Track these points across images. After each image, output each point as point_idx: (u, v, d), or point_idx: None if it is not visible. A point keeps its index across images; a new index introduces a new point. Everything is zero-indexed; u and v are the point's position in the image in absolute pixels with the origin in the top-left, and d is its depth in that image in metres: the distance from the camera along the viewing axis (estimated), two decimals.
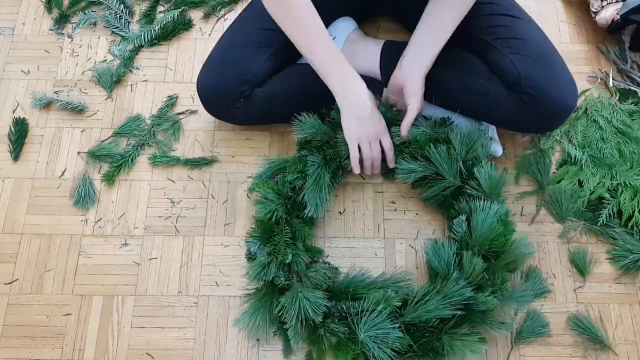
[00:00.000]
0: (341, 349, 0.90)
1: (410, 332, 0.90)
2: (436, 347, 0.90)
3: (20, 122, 1.16)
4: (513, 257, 0.94)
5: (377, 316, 0.89)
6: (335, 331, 0.89)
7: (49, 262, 1.04)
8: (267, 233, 0.97)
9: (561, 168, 1.12)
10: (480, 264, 0.91)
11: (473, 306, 0.90)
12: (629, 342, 0.99)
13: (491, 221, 0.94)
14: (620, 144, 1.13)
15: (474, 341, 0.90)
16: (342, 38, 1.14)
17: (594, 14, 1.25)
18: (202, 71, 1.03)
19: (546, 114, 0.97)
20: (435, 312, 0.89)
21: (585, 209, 1.08)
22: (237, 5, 1.32)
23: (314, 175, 1.00)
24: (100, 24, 1.29)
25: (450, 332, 0.90)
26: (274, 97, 1.05)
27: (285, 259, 0.94)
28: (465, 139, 1.01)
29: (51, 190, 1.11)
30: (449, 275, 0.92)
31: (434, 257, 0.95)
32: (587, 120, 1.16)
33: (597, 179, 1.08)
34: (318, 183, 1.00)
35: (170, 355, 0.97)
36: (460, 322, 0.91)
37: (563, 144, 1.13)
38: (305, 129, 1.04)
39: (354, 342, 0.89)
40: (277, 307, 0.93)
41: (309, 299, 0.90)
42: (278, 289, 0.95)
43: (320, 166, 1.02)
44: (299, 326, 0.91)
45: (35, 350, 0.97)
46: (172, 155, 1.14)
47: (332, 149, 1.03)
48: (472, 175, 0.99)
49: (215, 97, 1.03)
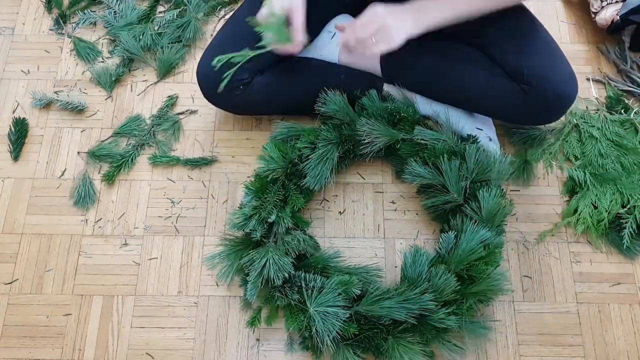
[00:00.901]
0: (292, 316, 0.93)
1: (360, 322, 0.91)
2: (380, 345, 0.91)
3: (20, 122, 1.16)
4: (486, 287, 0.92)
5: (332, 296, 0.90)
6: (288, 296, 0.93)
7: (49, 262, 1.04)
8: (262, 189, 0.99)
9: (572, 198, 1.09)
10: (451, 281, 0.90)
11: (429, 319, 0.90)
12: (629, 342, 0.99)
13: (475, 245, 0.93)
14: (620, 157, 1.11)
15: (416, 351, 0.90)
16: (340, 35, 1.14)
17: (594, 14, 1.25)
18: (202, 58, 1.04)
19: (547, 105, 0.97)
20: (388, 312, 0.89)
21: (609, 230, 1.06)
22: (237, 5, 1.32)
23: (323, 149, 1.02)
24: (100, 24, 1.29)
25: (397, 335, 0.90)
26: (273, 87, 1.05)
27: (268, 217, 0.96)
28: (482, 160, 1.00)
29: (51, 190, 1.11)
30: (417, 283, 0.92)
31: (409, 263, 0.95)
32: (580, 136, 1.15)
33: (608, 197, 1.07)
34: (324, 158, 1.01)
35: (170, 355, 0.97)
36: (412, 329, 0.91)
37: (566, 169, 1.11)
38: (329, 104, 1.05)
39: (304, 313, 0.91)
40: (244, 259, 0.96)
41: (275, 260, 0.92)
42: (253, 243, 0.97)
43: (332, 143, 1.03)
44: (259, 282, 0.94)
45: (35, 350, 0.97)
46: (172, 155, 1.14)
47: (351, 130, 1.04)
48: (476, 197, 0.98)
49: (214, 84, 1.03)
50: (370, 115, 1.05)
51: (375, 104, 1.05)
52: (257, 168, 1.04)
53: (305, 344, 0.95)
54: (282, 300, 0.94)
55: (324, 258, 0.99)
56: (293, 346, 0.97)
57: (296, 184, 1.03)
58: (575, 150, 1.13)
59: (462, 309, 0.92)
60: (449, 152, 1.00)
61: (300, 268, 0.97)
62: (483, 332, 0.94)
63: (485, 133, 1.10)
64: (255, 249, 0.96)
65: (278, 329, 0.98)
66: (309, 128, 1.06)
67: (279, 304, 0.95)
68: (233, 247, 0.99)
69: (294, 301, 0.93)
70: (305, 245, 0.97)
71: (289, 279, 0.94)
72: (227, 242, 1.00)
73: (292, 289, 0.94)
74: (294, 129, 1.07)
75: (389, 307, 0.89)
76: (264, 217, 0.97)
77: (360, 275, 0.97)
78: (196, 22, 1.27)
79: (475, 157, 1.00)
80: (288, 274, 0.93)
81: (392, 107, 1.06)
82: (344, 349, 0.91)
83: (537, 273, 1.04)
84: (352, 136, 1.05)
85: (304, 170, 1.02)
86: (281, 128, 1.08)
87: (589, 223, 1.06)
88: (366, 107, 1.05)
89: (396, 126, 1.06)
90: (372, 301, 0.91)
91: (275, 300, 0.95)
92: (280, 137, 1.07)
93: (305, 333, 0.93)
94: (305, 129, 1.06)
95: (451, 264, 0.93)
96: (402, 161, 1.06)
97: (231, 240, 1.00)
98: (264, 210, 0.97)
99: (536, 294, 1.02)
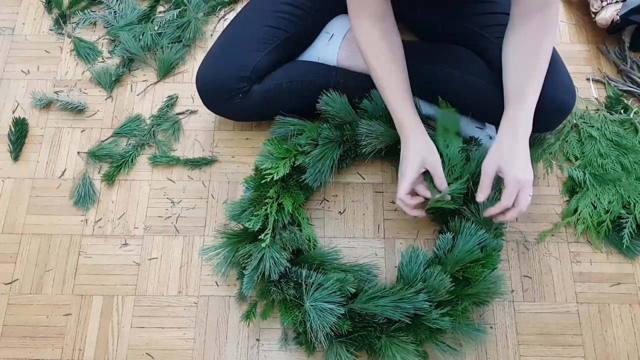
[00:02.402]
0: (287, 310, 0.94)
1: (354, 320, 0.91)
2: (373, 343, 0.91)
3: (20, 122, 1.16)
4: (482, 290, 0.92)
5: (328, 293, 0.90)
6: (284, 291, 0.94)
7: (49, 262, 1.04)
8: (261, 183, 1.00)
9: (572, 198, 1.09)
10: (446, 282, 0.90)
11: (423, 319, 0.90)
12: (629, 342, 0.99)
13: (472, 246, 0.93)
14: (619, 157, 1.11)
15: (409, 351, 0.89)
16: (339, 36, 1.14)
17: (594, 14, 1.25)
18: (202, 67, 1.04)
19: (544, 113, 0.97)
20: (382, 310, 0.89)
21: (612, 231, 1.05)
22: (237, 5, 1.32)
23: (324, 146, 1.02)
24: (100, 24, 1.29)
25: (391, 334, 0.90)
26: (272, 93, 1.05)
27: (265, 211, 0.97)
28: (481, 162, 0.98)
29: (51, 190, 1.11)
30: (412, 282, 0.92)
31: (405, 262, 0.95)
32: (580, 136, 1.14)
33: (607, 197, 1.06)
34: (324, 155, 1.02)
35: (170, 355, 0.97)
36: (405, 329, 0.91)
37: (565, 169, 1.11)
38: (330, 104, 1.05)
39: (299, 308, 0.92)
40: (241, 252, 0.96)
41: (272, 255, 0.93)
42: (250, 236, 0.98)
43: (333, 141, 1.03)
44: (255, 277, 0.94)
45: (35, 350, 0.97)
46: (172, 155, 1.14)
47: (352, 130, 1.04)
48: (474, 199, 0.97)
49: (213, 92, 1.03)
50: (371, 116, 1.05)
51: (376, 105, 1.05)
52: (257, 160, 1.04)
53: (299, 339, 0.95)
54: (277, 294, 0.94)
55: (321, 254, 1.00)
56: (287, 341, 0.97)
57: (296, 180, 1.03)
58: (575, 150, 1.13)
59: (457, 310, 0.91)
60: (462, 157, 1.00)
61: (297, 263, 0.97)
62: (477, 335, 0.94)
63: (486, 132, 1.10)
64: (253, 243, 0.96)
65: (278, 329, 0.98)
66: (311, 124, 1.06)
67: (274, 298, 0.95)
68: (229, 239, 0.99)
69: (290, 296, 0.93)
70: (302, 241, 0.97)
71: (286, 273, 0.95)
72: (224, 235, 1.00)
73: (288, 284, 0.94)
74: (295, 125, 1.07)
75: (383, 305, 0.90)
76: (261, 211, 0.97)
77: (356, 273, 0.97)
78: (196, 22, 1.27)
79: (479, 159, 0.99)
80: (285, 268, 0.94)
81: None
82: (337, 345, 0.91)
83: (537, 273, 1.04)
84: (353, 136, 1.05)
85: (304, 166, 1.02)
86: (282, 123, 1.07)
87: (589, 223, 1.06)
88: (367, 109, 1.05)
89: None
90: (366, 299, 0.91)
91: (270, 295, 0.95)
92: (281, 132, 1.07)
93: (299, 328, 0.94)
94: (308, 125, 1.06)
95: (447, 265, 0.93)
96: None
97: (228, 233, 1.00)
98: (261, 203, 0.98)
99: (536, 294, 1.02)
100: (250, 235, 0.98)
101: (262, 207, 0.97)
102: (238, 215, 0.99)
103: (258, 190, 1.00)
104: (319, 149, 1.03)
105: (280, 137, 1.06)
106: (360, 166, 1.13)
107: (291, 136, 1.06)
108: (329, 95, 1.05)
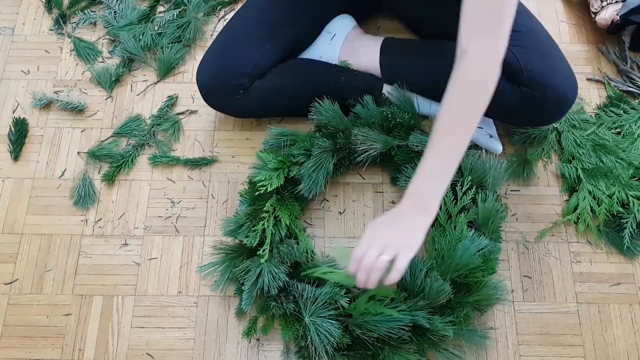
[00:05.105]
0: (287, 325, 0.93)
1: (355, 332, 0.90)
2: (376, 354, 0.90)
3: (20, 122, 1.16)
4: (483, 296, 0.92)
5: (326, 307, 0.90)
6: (283, 305, 0.93)
7: (49, 262, 1.04)
8: (256, 197, 0.99)
9: (572, 196, 1.08)
10: (446, 288, 0.89)
11: (427, 330, 0.89)
12: (629, 342, 0.99)
13: (471, 252, 0.91)
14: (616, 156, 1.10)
15: None
16: (341, 36, 1.14)
17: (594, 14, 1.25)
18: (202, 63, 1.04)
19: (546, 107, 0.97)
20: (382, 322, 0.88)
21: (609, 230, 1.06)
22: (237, 5, 1.32)
23: (318, 157, 1.01)
24: (100, 24, 1.29)
25: (393, 344, 0.90)
26: (273, 90, 1.05)
27: (261, 225, 0.96)
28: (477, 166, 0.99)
29: (51, 190, 1.11)
30: (413, 291, 0.91)
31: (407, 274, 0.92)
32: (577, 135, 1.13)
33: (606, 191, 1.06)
34: (318, 165, 1.01)
35: (170, 355, 0.97)
36: (408, 338, 0.89)
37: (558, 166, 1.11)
38: (323, 113, 1.04)
39: (299, 322, 0.91)
40: (239, 267, 0.95)
41: (270, 270, 0.92)
42: (247, 251, 0.97)
43: (327, 151, 1.02)
44: (254, 292, 0.94)
45: (35, 350, 0.97)
46: (172, 155, 1.14)
47: (345, 139, 1.04)
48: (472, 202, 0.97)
49: (214, 89, 1.03)
50: (365, 123, 1.04)
51: (369, 111, 1.04)
52: (250, 175, 1.03)
53: (302, 353, 0.94)
54: (277, 309, 0.93)
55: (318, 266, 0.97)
56: (289, 355, 0.96)
57: (291, 192, 1.02)
58: (571, 149, 1.13)
59: (459, 317, 0.91)
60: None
61: (295, 276, 0.96)
62: (480, 341, 0.94)
63: (485, 130, 1.10)
64: (250, 258, 0.96)
65: (278, 328, 0.98)
66: (303, 134, 1.05)
67: (274, 312, 0.94)
68: (227, 255, 0.98)
69: (290, 310, 0.92)
70: (300, 254, 0.96)
71: (284, 288, 0.94)
72: (221, 251, 0.99)
73: (287, 298, 0.93)
74: (288, 135, 1.06)
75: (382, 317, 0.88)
76: (259, 226, 0.95)
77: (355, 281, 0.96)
78: (196, 22, 1.27)
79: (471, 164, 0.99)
80: (283, 282, 0.93)
81: (387, 112, 1.05)
82: (339, 358, 0.90)
83: (537, 273, 1.04)
84: (346, 144, 1.04)
85: (298, 178, 1.01)
86: (274, 134, 1.06)
87: (589, 221, 1.06)
88: (360, 116, 1.04)
89: (391, 132, 1.06)
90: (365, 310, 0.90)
91: (270, 310, 0.94)
92: (274, 143, 1.06)
93: (301, 342, 0.92)
94: (300, 135, 1.05)
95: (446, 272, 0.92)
96: (398, 167, 1.05)
97: (225, 249, 0.99)
98: (257, 217, 0.97)
99: (536, 294, 1.02)
100: (247, 250, 0.97)
101: (259, 222, 0.96)
102: (234, 231, 0.98)
103: (253, 204, 0.99)
104: (312, 159, 1.01)
105: (273, 147, 1.06)
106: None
107: (284, 147, 1.05)
108: (321, 104, 1.04)
